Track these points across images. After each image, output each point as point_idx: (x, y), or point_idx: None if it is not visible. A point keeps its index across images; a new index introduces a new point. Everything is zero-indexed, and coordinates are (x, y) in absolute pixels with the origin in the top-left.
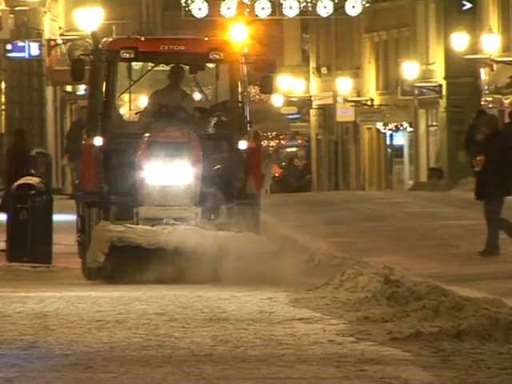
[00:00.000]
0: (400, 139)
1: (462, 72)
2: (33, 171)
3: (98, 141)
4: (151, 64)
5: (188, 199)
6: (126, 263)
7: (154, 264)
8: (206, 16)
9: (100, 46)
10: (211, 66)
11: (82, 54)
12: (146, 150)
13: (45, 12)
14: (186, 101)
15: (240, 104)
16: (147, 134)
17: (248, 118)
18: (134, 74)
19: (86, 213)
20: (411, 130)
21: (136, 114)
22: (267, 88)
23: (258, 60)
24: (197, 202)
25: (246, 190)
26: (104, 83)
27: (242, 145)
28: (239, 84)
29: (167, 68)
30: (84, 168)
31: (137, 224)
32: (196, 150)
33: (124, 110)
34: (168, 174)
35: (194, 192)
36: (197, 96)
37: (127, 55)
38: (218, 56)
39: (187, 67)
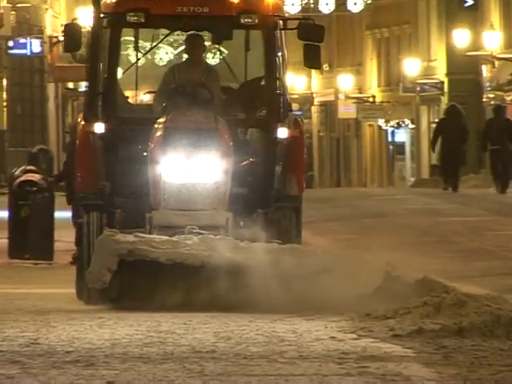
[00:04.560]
0: (402, 136)
1: (464, 69)
2: (34, 168)
3: (98, 127)
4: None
5: (216, 201)
6: (138, 283)
7: (174, 285)
8: None
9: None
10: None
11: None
12: (162, 139)
13: (46, 9)
14: (210, 78)
15: (278, 82)
16: (162, 119)
17: (288, 100)
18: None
19: (84, 219)
20: (413, 126)
21: (145, 93)
22: (314, 61)
23: (302, 25)
24: (227, 206)
25: (286, 191)
26: (107, 55)
27: (282, 133)
28: (278, 55)
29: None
30: (80, 162)
31: (150, 233)
32: (225, 138)
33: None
34: (190, 169)
35: (223, 192)
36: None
37: (136, 19)
38: (251, 20)
39: (206, 35)
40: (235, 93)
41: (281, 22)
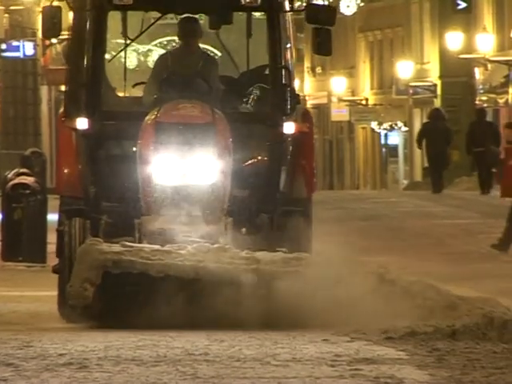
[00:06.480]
0: (395, 138)
1: (457, 71)
2: (27, 170)
3: (81, 123)
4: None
5: (214, 206)
6: (125, 298)
7: (165, 300)
8: None
9: None
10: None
11: None
12: (153, 135)
13: (40, 11)
14: (208, 66)
15: (284, 70)
16: (153, 113)
17: (295, 91)
18: (131, 28)
19: (65, 226)
20: (406, 129)
21: (134, 85)
22: (324, 47)
23: (311, 7)
24: (226, 210)
25: (294, 193)
26: (90, 42)
27: (289, 128)
28: (283, 42)
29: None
30: (61, 162)
31: (140, 242)
32: (224, 134)
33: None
34: (185, 169)
35: (221, 195)
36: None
37: (123, 1)
38: (253, 1)
39: (202, 19)
40: (236, 83)
41: (287, 3)
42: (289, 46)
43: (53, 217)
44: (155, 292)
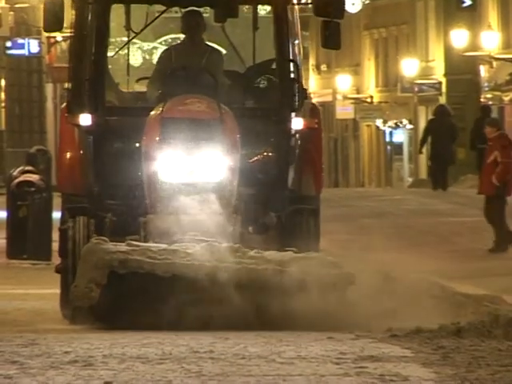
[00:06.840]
0: (400, 136)
1: (462, 69)
2: (32, 168)
3: (84, 119)
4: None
5: (221, 204)
6: (131, 299)
7: (173, 301)
8: None
9: None
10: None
11: None
12: (158, 131)
13: None
14: (212, 60)
15: (292, 64)
16: (158, 109)
17: (303, 85)
18: (134, 22)
19: (68, 224)
20: (411, 127)
21: (138, 80)
22: (333, 40)
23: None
24: (233, 208)
25: (302, 191)
26: (93, 36)
27: (297, 124)
28: (291, 36)
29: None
30: (63, 160)
31: (145, 241)
32: (231, 130)
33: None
34: (191, 166)
35: (229, 193)
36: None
37: None
38: None
39: (208, 13)
40: (242, 77)
41: None
42: (296, 41)
43: (58, 214)
44: (162, 292)
